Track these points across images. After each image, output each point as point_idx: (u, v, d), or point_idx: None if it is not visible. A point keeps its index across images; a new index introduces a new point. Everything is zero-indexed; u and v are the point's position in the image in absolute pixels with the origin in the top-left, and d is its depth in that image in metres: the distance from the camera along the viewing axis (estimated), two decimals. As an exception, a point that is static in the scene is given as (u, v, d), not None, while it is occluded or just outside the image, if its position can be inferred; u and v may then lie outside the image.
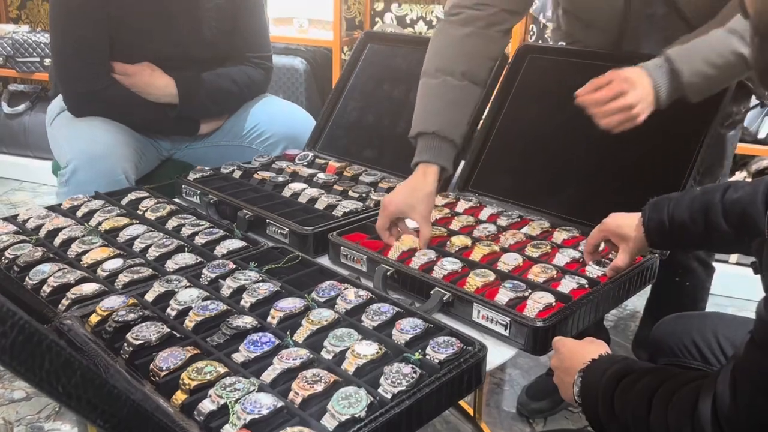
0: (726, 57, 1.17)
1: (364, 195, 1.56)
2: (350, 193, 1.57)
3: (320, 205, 1.50)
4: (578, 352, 0.92)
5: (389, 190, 1.59)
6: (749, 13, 0.67)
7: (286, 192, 1.57)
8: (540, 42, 2.59)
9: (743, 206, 0.97)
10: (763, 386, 0.67)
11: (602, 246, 1.23)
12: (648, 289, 1.66)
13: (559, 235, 1.35)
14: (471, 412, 1.74)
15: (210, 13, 1.84)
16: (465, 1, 1.35)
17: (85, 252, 1.22)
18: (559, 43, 1.66)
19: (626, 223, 1.13)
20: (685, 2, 1.31)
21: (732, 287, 2.49)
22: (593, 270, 1.21)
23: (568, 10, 1.55)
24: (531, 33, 2.63)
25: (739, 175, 2.49)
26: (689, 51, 1.18)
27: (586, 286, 1.15)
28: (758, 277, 0.75)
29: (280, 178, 1.65)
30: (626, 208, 1.16)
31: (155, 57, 1.79)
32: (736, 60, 1.17)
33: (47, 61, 3.40)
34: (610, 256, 1.23)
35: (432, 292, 1.13)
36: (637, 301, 2.20)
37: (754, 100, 1.66)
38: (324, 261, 1.30)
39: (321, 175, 1.66)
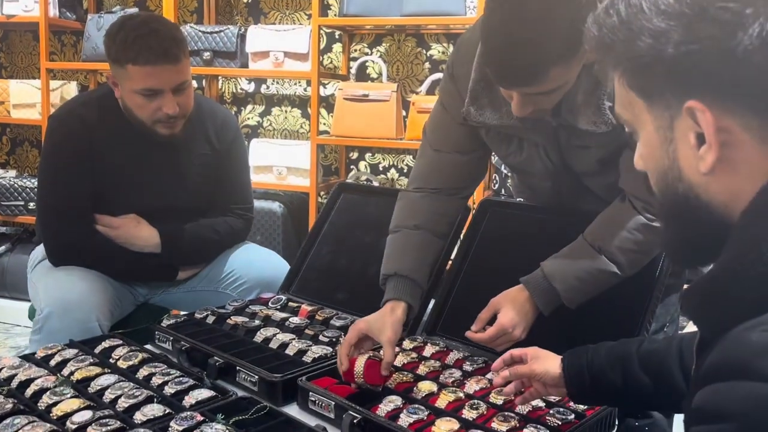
0: (594, 274, 1.36)
1: (334, 339, 1.60)
2: (321, 337, 1.61)
3: (291, 351, 1.53)
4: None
5: (359, 334, 1.64)
6: (654, 192, 0.77)
7: (258, 337, 1.61)
8: (503, 191, 2.77)
9: (660, 358, 1.02)
10: None
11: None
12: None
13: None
14: None
15: (196, 167, 1.94)
16: (420, 184, 1.55)
17: (56, 403, 1.24)
18: (518, 199, 1.82)
19: (548, 355, 1.17)
20: (592, 185, 1.49)
21: None
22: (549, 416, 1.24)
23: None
24: (494, 182, 2.82)
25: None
26: (564, 270, 1.37)
27: (547, 435, 1.18)
28: None
29: (256, 322, 1.69)
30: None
31: (140, 208, 1.87)
32: (601, 275, 1.36)
33: (31, 205, 3.50)
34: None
35: (398, 442, 1.15)
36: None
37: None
38: (293, 408, 1.32)
39: (293, 319, 1.71)
